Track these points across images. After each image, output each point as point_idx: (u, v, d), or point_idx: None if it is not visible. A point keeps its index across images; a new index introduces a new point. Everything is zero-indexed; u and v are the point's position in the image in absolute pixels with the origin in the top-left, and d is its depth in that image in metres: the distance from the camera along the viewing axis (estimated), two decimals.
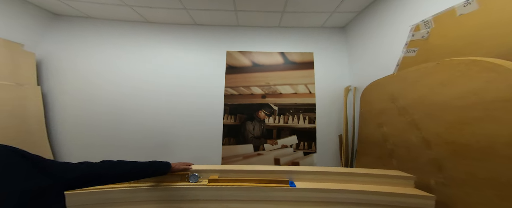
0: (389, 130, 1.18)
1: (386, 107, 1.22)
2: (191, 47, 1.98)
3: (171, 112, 1.88)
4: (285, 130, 1.92)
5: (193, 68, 1.94)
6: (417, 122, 0.98)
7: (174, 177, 0.92)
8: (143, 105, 1.87)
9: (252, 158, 1.88)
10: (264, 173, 0.96)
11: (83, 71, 1.86)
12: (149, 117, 1.86)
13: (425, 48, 1.03)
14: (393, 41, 1.35)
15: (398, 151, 1.11)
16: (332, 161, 1.89)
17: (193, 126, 1.88)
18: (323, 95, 1.94)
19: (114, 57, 1.91)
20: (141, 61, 1.92)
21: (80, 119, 1.80)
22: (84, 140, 1.79)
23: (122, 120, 1.83)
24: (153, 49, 1.95)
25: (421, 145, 0.96)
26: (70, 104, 1.81)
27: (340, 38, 2.04)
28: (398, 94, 1.12)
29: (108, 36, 1.94)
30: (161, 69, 1.92)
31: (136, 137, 1.82)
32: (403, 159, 1.07)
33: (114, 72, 1.88)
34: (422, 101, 0.96)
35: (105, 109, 1.83)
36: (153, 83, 1.89)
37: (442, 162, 0.86)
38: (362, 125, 1.50)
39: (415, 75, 1.01)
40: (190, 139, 1.86)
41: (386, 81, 1.26)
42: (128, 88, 1.87)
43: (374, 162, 1.31)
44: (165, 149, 1.84)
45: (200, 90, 1.91)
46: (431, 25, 1.00)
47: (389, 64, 1.34)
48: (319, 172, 0.95)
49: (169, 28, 1.99)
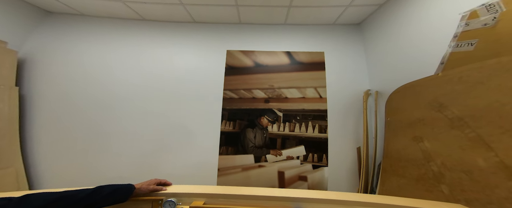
0: (435, 146, 0.91)
1: (428, 117, 0.95)
2: (188, 46, 1.79)
3: (162, 116, 1.66)
4: (291, 139, 1.66)
5: (190, 69, 1.74)
6: (487, 139, 0.71)
7: (142, 203, 0.69)
8: (133, 108, 1.66)
9: (252, 170, 1.62)
10: (265, 199, 0.70)
11: (71, 72, 1.69)
12: (138, 121, 1.65)
13: (492, 38, 0.78)
14: (429, 35, 1.11)
15: (451, 175, 0.83)
16: (347, 177, 1.60)
17: (186, 133, 1.65)
18: (336, 100, 1.68)
19: (105, 57, 1.73)
20: (133, 62, 1.73)
21: (62, 122, 1.61)
22: (65, 144, 1.59)
23: (108, 124, 1.63)
24: (147, 49, 1.77)
25: (496, 172, 0.68)
26: (54, 106, 1.63)
27: (355, 36, 1.81)
28: (448, 100, 0.86)
29: (99, 35, 1.77)
30: (155, 70, 1.73)
31: (122, 142, 1.62)
32: (462, 188, 0.78)
33: (104, 73, 1.70)
34: (496, 110, 0.69)
35: (91, 111, 1.64)
36: (145, 86, 1.70)
37: None
38: (390, 137, 1.23)
39: (478, 75, 0.75)
40: (182, 147, 1.63)
41: (426, 84, 1.00)
42: (117, 90, 1.68)
43: (409, 184, 1.02)
44: (153, 158, 1.61)
45: (196, 92, 1.70)
46: (499, 8, 0.76)
47: (424, 63, 1.09)
48: (337, 201, 0.67)
49: (165, 26, 1.82)
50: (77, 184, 0.77)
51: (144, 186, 0.71)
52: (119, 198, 0.64)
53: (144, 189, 0.70)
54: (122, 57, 1.73)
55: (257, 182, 1.59)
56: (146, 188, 0.71)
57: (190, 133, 1.64)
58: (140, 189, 0.70)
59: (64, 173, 1.55)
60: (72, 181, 1.54)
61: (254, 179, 1.60)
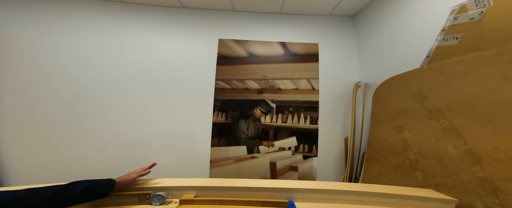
0: (413, 136, 0.96)
1: (410, 108, 0.99)
2: (177, 34, 1.69)
3: (150, 106, 1.61)
4: (283, 130, 1.69)
5: (178, 58, 1.67)
6: (459, 128, 0.76)
7: (128, 198, 0.65)
8: (114, 99, 1.58)
9: (245, 162, 1.65)
10: (257, 190, 0.72)
11: (40, 61, 1.52)
12: (121, 112, 1.58)
13: (476, 33, 0.80)
14: (419, 28, 1.12)
15: (425, 162, 0.89)
16: (334, 166, 1.68)
17: (176, 124, 1.62)
18: (328, 92, 1.71)
19: (78, 43, 1.58)
20: (114, 49, 1.61)
21: (33, 116, 1.49)
22: (38, 140, 1.48)
23: (87, 116, 1.54)
24: (130, 35, 1.64)
25: (463, 158, 0.74)
26: (20, 100, 1.49)
27: (349, 28, 1.80)
28: (430, 92, 0.89)
29: (75, 19, 1.59)
30: (140, 59, 1.63)
31: (105, 134, 1.55)
32: (433, 173, 0.85)
33: (80, 61, 1.56)
34: (470, 101, 0.73)
35: (66, 103, 1.52)
36: (130, 75, 1.60)
37: (501, 185, 0.65)
38: (374, 128, 1.29)
39: (458, 68, 0.78)
40: (171, 138, 1.61)
41: (411, 76, 1.03)
42: (95, 80, 1.57)
43: (389, 172, 1.09)
44: (139, 149, 1.57)
45: (186, 82, 1.65)
46: (487, 3, 0.77)
47: (412, 56, 1.11)
48: (325, 190, 0.72)
49: (150, 10, 1.69)
50: (56, 180, 0.72)
51: (124, 178, 0.67)
52: (97, 194, 0.59)
53: (126, 181, 0.66)
54: (100, 44, 1.59)
55: (249, 173, 1.63)
56: (127, 180, 0.66)
57: (180, 124, 1.62)
58: (121, 181, 0.65)
59: (40, 170, 1.45)
60: (51, 178, 1.44)
61: (246, 170, 1.64)
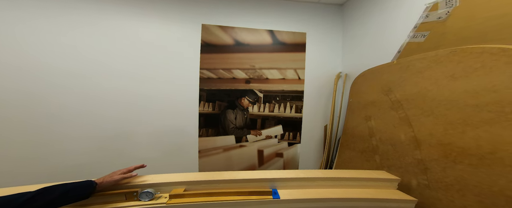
0: (377, 124, 1.07)
1: (378, 99, 1.09)
2: (155, 17, 1.53)
3: (130, 100, 1.52)
4: (270, 119, 1.77)
5: (158, 45, 1.54)
6: (411, 119, 0.87)
7: (114, 197, 0.65)
8: (87, 87, 1.44)
9: (233, 150, 1.74)
10: (243, 182, 0.80)
11: None
12: (97, 105, 1.45)
13: (439, 32, 0.85)
14: (399, 23, 1.16)
15: (383, 147, 1.02)
16: (315, 152, 1.84)
17: (159, 115, 1.57)
18: (312, 81, 1.77)
19: (43, 26, 1.34)
20: (86, 34, 1.41)
21: None
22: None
23: (56, 106, 1.39)
24: (103, 18, 1.45)
25: (409, 144, 0.86)
26: None
27: (336, 17, 1.79)
28: (395, 86, 0.98)
29: None
30: (116, 45, 1.47)
31: (78, 125, 1.43)
32: (387, 157, 0.99)
33: (50, 48, 1.36)
34: (422, 95, 0.83)
35: (30, 95, 1.35)
36: (105, 64, 1.46)
37: (429, 164, 0.78)
38: (349, 117, 1.40)
39: (419, 65, 0.86)
40: (154, 129, 1.56)
41: (383, 70, 1.10)
42: (69, 69, 1.41)
43: (356, 156, 1.24)
44: (119, 141, 1.48)
45: (168, 72, 1.56)
46: (455, 3, 0.81)
47: (389, 50, 1.17)
48: (303, 178, 0.84)
49: None
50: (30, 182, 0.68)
51: (106, 179, 0.63)
52: (76, 198, 0.56)
53: (108, 182, 0.62)
54: (71, 29, 1.38)
55: (238, 161, 1.72)
56: (109, 181, 0.62)
57: (164, 115, 1.56)
58: (103, 183, 0.61)
59: (6, 173, 1.31)
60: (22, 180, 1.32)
61: (235, 158, 1.72)
